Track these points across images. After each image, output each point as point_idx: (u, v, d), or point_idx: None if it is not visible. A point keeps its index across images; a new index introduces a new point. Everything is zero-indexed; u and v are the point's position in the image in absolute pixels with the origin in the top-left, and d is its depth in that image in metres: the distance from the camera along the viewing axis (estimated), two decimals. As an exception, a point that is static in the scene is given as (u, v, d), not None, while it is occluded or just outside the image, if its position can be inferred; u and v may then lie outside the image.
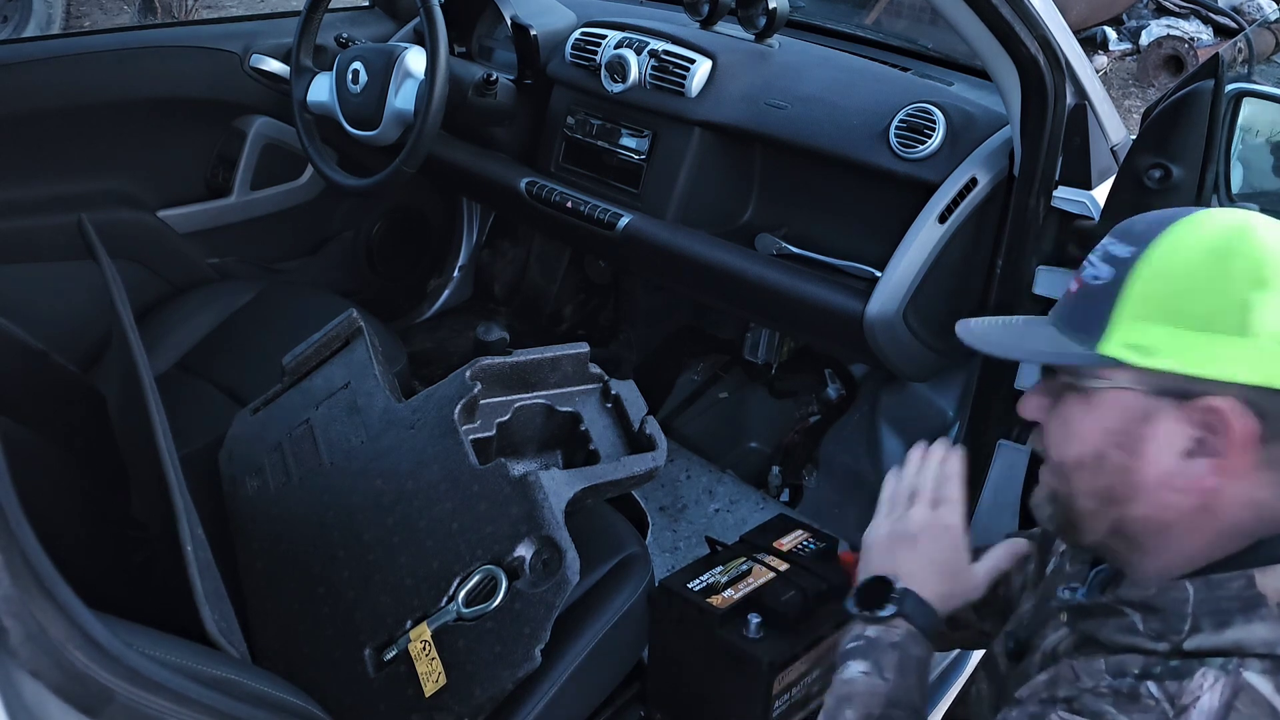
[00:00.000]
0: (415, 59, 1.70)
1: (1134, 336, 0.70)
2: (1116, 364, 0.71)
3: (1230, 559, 0.72)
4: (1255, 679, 0.65)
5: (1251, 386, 0.67)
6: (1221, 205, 1.25)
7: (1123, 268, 0.72)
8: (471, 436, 1.18)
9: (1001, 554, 0.94)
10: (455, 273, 2.41)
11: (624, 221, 1.69)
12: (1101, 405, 0.73)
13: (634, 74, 1.70)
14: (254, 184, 2.03)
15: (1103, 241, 0.76)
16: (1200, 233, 0.71)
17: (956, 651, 1.53)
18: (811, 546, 1.33)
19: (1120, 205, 1.28)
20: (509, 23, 1.84)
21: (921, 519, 0.92)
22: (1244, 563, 0.71)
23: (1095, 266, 0.75)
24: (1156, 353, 0.69)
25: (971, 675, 0.99)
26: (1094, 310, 0.73)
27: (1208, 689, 0.65)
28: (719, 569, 1.26)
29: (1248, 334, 0.67)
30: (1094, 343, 0.72)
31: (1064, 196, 1.36)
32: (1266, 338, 0.66)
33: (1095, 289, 0.74)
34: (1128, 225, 0.76)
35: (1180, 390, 0.69)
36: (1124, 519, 0.75)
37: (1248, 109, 1.23)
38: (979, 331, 0.83)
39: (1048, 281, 1.39)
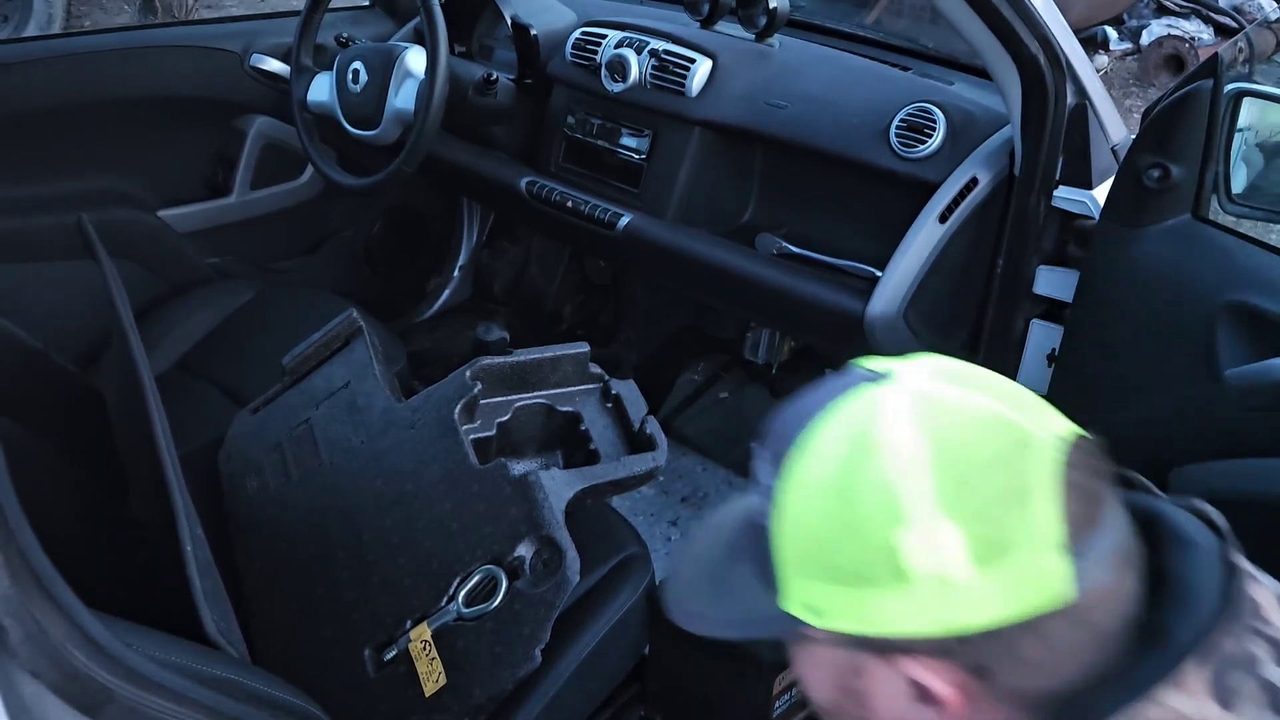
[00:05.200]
0: (415, 58, 1.70)
1: (803, 594, 0.59)
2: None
3: None
4: None
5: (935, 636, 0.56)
6: (1222, 205, 1.25)
7: (769, 508, 0.61)
8: (471, 436, 1.18)
9: None
10: (455, 272, 2.41)
11: (624, 221, 1.68)
12: (815, 659, 0.64)
13: (634, 73, 1.70)
14: (254, 183, 2.03)
15: (764, 445, 0.63)
16: (821, 465, 0.59)
17: None
18: (812, 546, 1.33)
19: (1120, 205, 1.28)
20: (509, 22, 1.84)
21: None
22: None
23: (760, 487, 0.62)
24: (827, 613, 0.58)
25: None
26: (767, 556, 0.61)
27: None
28: (719, 569, 1.26)
29: (905, 581, 0.55)
30: (776, 597, 0.60)
31: (1065, 196, 1.36)
32: (923, 580, 0.54)
33: (761, 527, 0.61)
34: (779, 431, 0.62)
35: (875, 646, 0.58)
36: None
37: (1248, 109, 1.22)
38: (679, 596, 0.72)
39: (1048, 281, 1.39)
